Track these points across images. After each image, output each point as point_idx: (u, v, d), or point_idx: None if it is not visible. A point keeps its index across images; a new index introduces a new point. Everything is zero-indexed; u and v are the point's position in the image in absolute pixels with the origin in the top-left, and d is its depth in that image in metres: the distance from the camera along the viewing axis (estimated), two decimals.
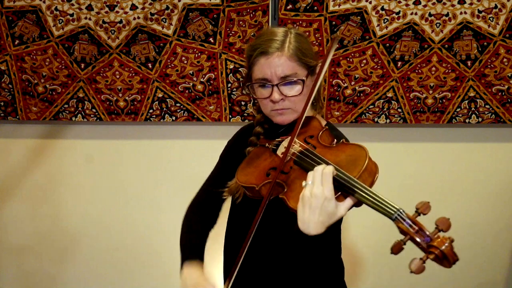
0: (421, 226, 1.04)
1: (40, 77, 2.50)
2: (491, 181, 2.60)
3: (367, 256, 2.64)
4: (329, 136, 1.33)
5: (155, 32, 2.45)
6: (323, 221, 1.13)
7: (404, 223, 1.05)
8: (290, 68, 1.35)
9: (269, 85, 1.36)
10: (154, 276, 2.67)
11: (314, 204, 1.12)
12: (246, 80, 1.44)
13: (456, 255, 1.00)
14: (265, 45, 1.36)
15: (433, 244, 1.01)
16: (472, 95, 2.47)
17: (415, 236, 1.04)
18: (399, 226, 1.05)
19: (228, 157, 1.57)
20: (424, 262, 1.00)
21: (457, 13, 2.39)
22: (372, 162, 1.17)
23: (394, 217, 1.06)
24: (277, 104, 1.37)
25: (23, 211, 2.66)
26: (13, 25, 2.46)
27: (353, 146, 1.24)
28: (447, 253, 1.00)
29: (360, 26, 2.41)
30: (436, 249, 1.00)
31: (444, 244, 1.00)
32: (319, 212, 1.12)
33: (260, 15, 2.40)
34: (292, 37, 1.37)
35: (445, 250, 1.00)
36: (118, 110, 2.52)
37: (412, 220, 1.05)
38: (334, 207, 1.13)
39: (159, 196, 2.62)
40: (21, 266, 2.70)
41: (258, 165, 1.35)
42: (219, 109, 2.51)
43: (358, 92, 2.47)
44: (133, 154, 2.62)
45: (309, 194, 1.12)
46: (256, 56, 1.36)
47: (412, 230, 1.04)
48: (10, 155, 2.63)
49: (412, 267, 1.00)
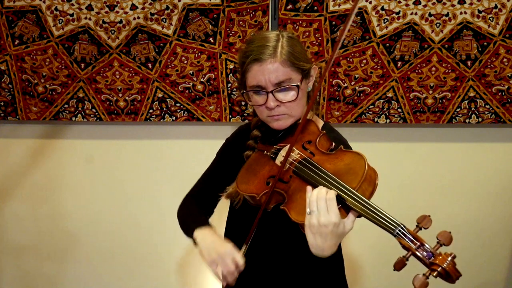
0: (423, 242, 1.06)
1: (40, 77, 2.50)
2: (491, 181, 2.60)
3: (367, 260, 2.64)
4: (327, 141, 1.32)
5: (155, 32, 2.45)
6: (336, 243, 1.18)
7: (405, 238, 1.07)
8: (284, 73, 1.33)
9: (263, 92, 1.35)
10: (154, 276, 2.67)
11: (324, 232, 1.15)
12: (241, 86, 1.43)
13: (458, 272, 1.01)
14: (258, 51, 1.34)
15: (435, 262, 1.02)
16: (472, 95, 2.47)
17: (416, 252, 1.05)
18: (401, 242, 1.07)
19: (226, 156, 1.57)
20: (427, 277, 1.02)
21: (457, 13, 2.39)
22: (371, 169, 1.17)
23: (396, 233, 1.09)
24: (273, 111, 1.36)
25: (23, 211, 2.66)
26: (13, 25, 2.46)
27: (352, 154, 1.23)
28: (450, 271, 1.01)
29: (360, 26, 2.41)
30: (438, 266, 1.02)
31: (446, 261, 1.02)
32: (331, 237, 1.15)
33: (260, 15, 2.40)
34: (284, 41, 1.36)
35: (447, 268, 1.01)
36: (118, 110, 2.52)
37: (413, 236, 1.07)
38: (342, 228, 1.16)
39: (159, 196, 2.62)
40: (21, 266, 2.70)
41: (257, 172, 1.35)
42: (219, 109, 2.51)
43: (358, 92, 2.47)
44: (133, 154, 2.62)
45: (317, 223, 1.15)
46: (249, 63, 1.35)
47: (413, 246, 1.06)
48: (10, 155, 2.63)
49: (415, 284, 1.02)
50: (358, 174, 1.15)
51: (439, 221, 2.73)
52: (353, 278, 2.63)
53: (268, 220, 1.32)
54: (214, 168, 1.59)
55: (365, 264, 2.65)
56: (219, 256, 1.30)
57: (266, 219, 1.32)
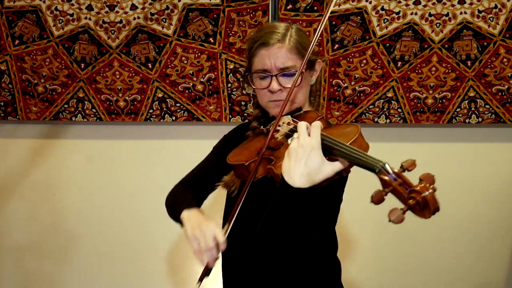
0: (406, 179, 1.00)
1: (40, 77, 2.50)
2: (491, 181, 2.60)
3: (367, 254, 2.64)
4: (325, 123, 1.32)
5: (155, 32, 2.45)
6: (308, 173, 1.08)
7: (388, 176, 1.00)
8: (290, 60, 1.36)
9: (268, 76, 1.38)
10: (154, 276, 2.67)
11: (300, 154, 1.08)
12: (246, 70, 1.45)
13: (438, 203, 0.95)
14: (266, 36, 1.37)
15: (415, 189, 0.96)
16: (472, 95, 2.47)
17: (398, 187, 0.99)
18: (382, 178, 1.00)
19: (223, 148, 1.56)
20: (404, 212, 0.95)
21: (457, 13, 2.39)
22: (363, 139, 1.14)
23: (378, 169, 1.01)
24: (274, 95, 1.38)
25: (23, 211, 2.66)
26: (13, 25, 2.46)
27: (347, 124, 1.24)
28: (429, 199, 0.94)
29: (360, 26, 2.41)
30: (417, 194, 0.95)
31: (427, 190, 0.95)
32: (305, 163, 1.07)
33: (260, 15, 2.40)
34: (293, 31, 1.39)
35: (427, 196, 0.94)
36: (118, 110, 2.52)
37: (397, 174, 1.01)
38: (320, 160, 1.08)
39: (159, 195, 2.62)
40: (21, 266, 2.70)
41: (250, 146, 1.37)
42: (219, 109, 2.51)
43: (358, 92, 2.47)
44: (133, 154, 2.62)
45: (296, 145, 1.10)
46: (257, 47, 1.38)
47: (395, 182, 0.99)
48: (10, 155, 2.63)
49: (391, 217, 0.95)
50: (349, 136, 1.13)
51: (439, 221, 2.74)
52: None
53: (253, 202, 1.29)
54: (209, 159, 1.59)
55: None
56: (200, 232, 1.25)
57: (251, 201, 1.29)
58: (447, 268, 2.64)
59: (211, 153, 1.61)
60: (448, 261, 2.64)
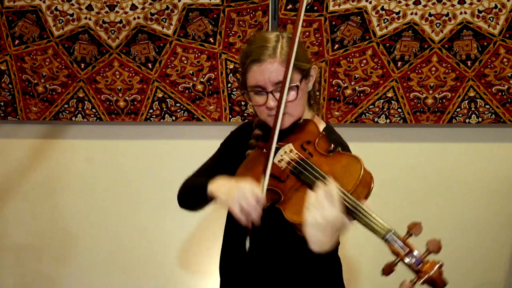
0: (412, 248, 1.06)
1: (40, 77, 2.50)
2: (491, 181, 2.60)
3: (364, 263, 2.64)
4: (326, 143, 1.32)
5: (155, 32, 2.45)
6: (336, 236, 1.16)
7: (395, 244, 1.07)
8: (283, 73, 1.33)
9: (263, 93, 1.36)
10: (154, 276, 2.66)
11: (330, 228, 1.12)
12: (241, 86, 1.44)
13: (445, 280, 1.03)
14: (257, 52, 1.35)
15: (422, 269, 1.03)
16: (472, 95, 2.47)
17: (405, 258, 1.06)
18: (390, 248, 1.07)
19: (229, 148, 1.56)
20: (414, 284, 1.02)
21: (457, 13, 2.39)
22: (367, 173, 1.18)
23: (386, 238, 1.08)
24: (273, 111, 1.36)
25: (23, 211, 2.66)
26: (13, 25, 2.46)
27: (349, 157, 1.24)
28: (436, 278, 1.03)
29: (360, 26, 2.41)
30: (425, 273, 1.03)
31: (433, 269, 1.03)
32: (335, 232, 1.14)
33: (260, 15, 2.40)
34: (284, 42, 1.37)
35: (433, 275, 1.03)
36: (118, 110, 2.52)
37: (403, 242, 1.07)
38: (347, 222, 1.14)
39: (159, 196, 2.62)
40: (21, 266, 2.70)
41: (254, 170, 1.35)
42: (219, 109, 2.51)
43: (358, 92, 2.47)
44: (133, 154, 2.62)
45: (322, 219, 1.12)
46: (249, 63, 1.36)
47: (402, 252, 1.06)
48: (10, 155, 2.63)
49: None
50: (354, 177, 1.16)
51: (439, 221, 2.73)
52: (350, 278, 2.63)
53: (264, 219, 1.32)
54: (217, 158, 1.58)
55: (362, 266, 2.65)
56: (239, 193, 1.24)
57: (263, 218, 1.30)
58: (447, 268, 2.63)
59: (218, 152, 1.60)
60: (448, 261, 2.63)
